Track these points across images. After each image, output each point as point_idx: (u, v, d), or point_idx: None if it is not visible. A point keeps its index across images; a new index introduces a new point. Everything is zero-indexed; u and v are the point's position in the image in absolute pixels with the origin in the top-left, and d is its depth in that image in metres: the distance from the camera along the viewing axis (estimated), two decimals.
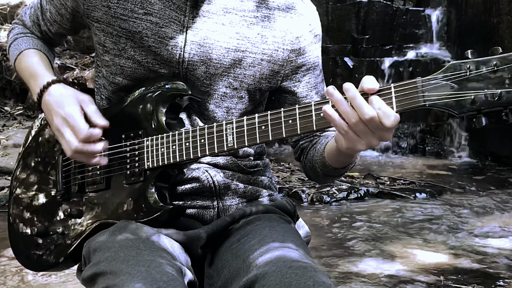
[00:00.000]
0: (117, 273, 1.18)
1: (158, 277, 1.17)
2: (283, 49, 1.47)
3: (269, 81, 1.49)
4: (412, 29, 7.21)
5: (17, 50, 1.59)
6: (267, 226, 1.39)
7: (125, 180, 1.41)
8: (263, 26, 1.45)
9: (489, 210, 4.59)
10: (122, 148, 1.43)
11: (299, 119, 1.23)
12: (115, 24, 1.43)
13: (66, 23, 1.57)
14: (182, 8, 1.41)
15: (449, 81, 1.10)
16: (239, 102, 1.46)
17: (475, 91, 1.08)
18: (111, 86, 1.50)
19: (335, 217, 4.39)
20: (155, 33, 1.41)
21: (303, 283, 1.15)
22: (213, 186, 1.45)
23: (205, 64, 1.43)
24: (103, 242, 1.30)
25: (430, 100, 1.11)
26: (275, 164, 5.80)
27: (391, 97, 1.14)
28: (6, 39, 1.73)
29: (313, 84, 1.53)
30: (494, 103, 1.07)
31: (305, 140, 1.56)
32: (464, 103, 1.09)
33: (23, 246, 1.59)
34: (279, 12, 1.47)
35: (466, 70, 1.09)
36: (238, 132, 1.30)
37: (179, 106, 1.43)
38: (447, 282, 3.08)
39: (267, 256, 1.25)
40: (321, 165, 1.45)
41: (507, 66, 1.06)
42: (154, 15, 1.41)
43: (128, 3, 1.41)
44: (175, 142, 1.36)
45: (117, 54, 1.45)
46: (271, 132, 1.26)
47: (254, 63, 1.45)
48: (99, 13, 1.44)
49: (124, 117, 1.46)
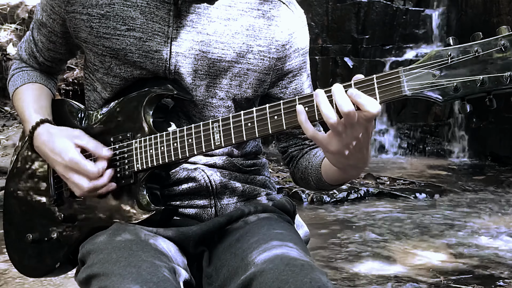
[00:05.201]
0: (109, 275, 1.19)
1: (149, 278, 1.17)
2: (269, 58, 1.46)
3: (255, 90, 1.48)
4: (412, 29, 7.22)
5: (13, 87, 1.59)
6: (266, 225, 1.39)
7: (116, 183, 1.41)
8: (248, 35, 1.44)
9: (489, 210, 4.59)
10: (112, 151, 1.42)
11: (284, 114, 1.22)
12: (99, 44, 1.42)
13: (60, 48, 1.56)
14: (166, 19, 1.40)
15: (431, 69, 1.10)
16: (225, 111, 1.46)
17: (458, 78, 1.08)
18: (102, 101, 1.50)
19: (335, 217, 4.39)
20: (139, 48, 1.40)
21: (300, 280, 1.16)
22: (210, 185, 1.46)
23: (190, 75, 1.42)
24: (98, 245, 1.31)
25: (413, 90, 1.11)
26: (275, 164, 5.81)
27: (374, 88, 1.13)
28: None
29: (299, 90, 1.53)
30: (477, 89, 1.07)
31: (295, 148, 1.56)
32: (447, 90, 1.09)
33: (19, 253, 1.59)
34: (264, 20, 1.46)
35: (447, 57, 1.08)
36: (225, 130, 1.29)
37: (166, 107, 1.43)
38: (447, 282, 3.08)
39: (265, 255, 1.25)
40: (316, 180, 1.45)
41: (488, 51, 1.06)
42: (137, 30, 1.40)
43: (110, 21, 1.40)
44: (163, 143, 1.36)
45: (105, 72, 1.45)
46: (257, 129, 1.26)
47: (240, 73, 1.45)
48: (84, 34, 1.43)
49: (112, 120, 1.45)
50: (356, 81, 1.15)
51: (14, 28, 6.54)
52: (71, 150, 1.40)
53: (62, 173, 1.42)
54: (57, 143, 1.42)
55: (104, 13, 1.41)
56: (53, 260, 1.52)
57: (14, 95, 1.59)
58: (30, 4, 6.75)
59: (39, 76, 1.61)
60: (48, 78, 1.64)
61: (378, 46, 7.18)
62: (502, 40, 1.05)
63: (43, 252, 1.53)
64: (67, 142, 1.41)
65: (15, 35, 6.57)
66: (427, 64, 1.10)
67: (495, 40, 1.06)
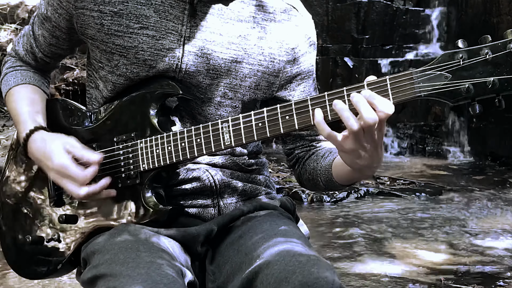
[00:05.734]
0: (117, 276, 1.19)
1: (158, 279, 1.17)
2: (279, 60, 1.47)
3: (264, 92, 1.49)
4: (412, 29, 7.21)
5: (6, 87, 1.58)
6: (268, 221, 1.40)
7: (121, 183, 1.41)
8: (260, 37, 1.45)
9: (489, 210, 4.59)
10: (115, 151, 1.42)
11: (295, 114, 1.24)
12: (108, 41, 1.42)
13: (63, 43, 1.55)
14: (180, 18, 1.41)
15: (443, 71, 1.13)
16: (232, 111, 1.47)
17: (469, 80, 1.11)
18: (102, 99, 1.50)
19: (335, 217, 4.39)
20: (151, 46, 1.40)
21: (307, 270, 1.17)
22: (214, 185, 1.46)
23: (201, 74, 1.43)
24: (103, 244, 1.31)
25: (425, 91, 1.14)
26: (275, 164, 5.80)
27: (387, 89, 1.16)
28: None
29: (307, 93, 1.54)
30: (488, 90, 1.11)
31: (301, 149, 1.57)
32: (459, 92, 1.12)
33: (18, 255, 1.58)
34: (276, 23, 1.47)
35: (459, 60, 1.12)
36: (235, 130, 1.30)
37: (170, 107, 1.43)
38: (447, 282, 3.08)
39: (271, 250, 1.26)
40: (325, 180, 1.46)
41: (498, 54, 1.10)
42: (150, 29, 1.40)
43: (123, 19, 1.40)
44: (170, 143, 1.36)
45: (110, 71, 1.44)
46: (269, 129, 1.27)
47: (250, 74, 1.45)
48: (92, 31, 1.43)
49: (115, 120, 1.45)
50: (369, 82, 1.18)
51: (14, 28, 6.54)
52: (60, 155, 1.39)
53: (55, 178, 1.42)
54: (49, 149, 1.41)
55: (117, 10, 1.40)
56: (55, 261, 1.51)
57: (7, 95, 1.58)
58: (30, 4, 6.75)
59: (32, 76, 1.60)
60: (41, 78, 1.62)
61: (378, 46, 7.18)
62: (510, 43, 1.10)
63: (43, 254, 1.52)
64: (58, 148, 1.41)
65: (15, 35, 6.56)
66: (439, 66, 1.13)
67: (503, 43, 1.11)
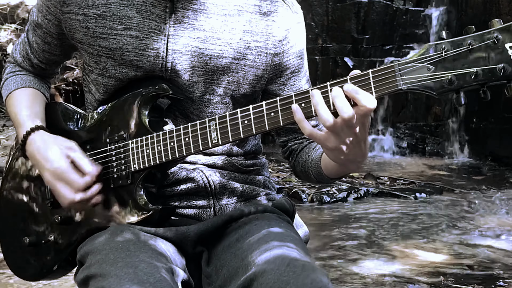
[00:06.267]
0: (105, 276, 1.19)
1: (145, 278, 1.18)
2: (266, 54, 1.46)
3: (253, 86, 1.48)
4: (412, 29, 7.21)
5: (7, 91, 1.58)
6: (266, 225, 1.39)
7: (113, 183, 1.41)
8: (245, 30, 1.44)
9: (489, 210, 4.59)
10: (108, 152, 1.42)
11: (280, 111, 1.23)
12: (95, 44, 1.42)
13: (55, 49, 1.55)
14: (162, 16, 1.40)
15: (425, 63, 1.12)
16: (224, 108, 1.46)
17: (452, 71, 1.10)
18: (96, 102, 1.50)
19: (335, 217, 4.39)
20: (136, 46, 1.40)
21: (301, 281, 1.16)
22: (209, 186, 1.46)
23: (187, 72, 1.42)
24: (96, 245, 1.31)
25: (408, 83, 1.12)
26: (275, 164, 5.80)
27: (370, 83, 1.15)
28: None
29: (298, 87, 1.53)
30: (471, 81, 1.09)
31: (294, 142, 1.57)
32: (442, 83, 1.11)
33: (16, 257, 1.59)
34: (261, 16, 1.46)
35: (441, 51, 1.10)
36: (222, 128, 1.30)
37: (162, 106, 1.43)
38: (447, 282, 3.08)
39: (266, 255, 1.25)
40: (316, 173, 1.46)
41: (482, 44, 1.07)
42: (134, 29, 1.40)
43: (107, 21, 1.40)
44: (160, 143, 1.36)
45: (100, 73, 1.45)
46: (254, 126, 1.26)
47: (237, 69, 1.44)
48: (79, 34, 1.44)
49: (107, 121, 1.45)
50: (352, 76, 1.17)
51: (14, 28, 6.53)
52: (61, 159, 1.40)
53: (49, 180, 1.41)
54: (49, 151, 1.41)
55: (100, 13, 1.41)
56: (52, 263, 1.51)
57: (7, 100, 1.59)
58: (30, 4, 6.74)
59: (32, 80, 1.60)
60: (41, 82, 1.63)
61: (378, 46, 7.18)
62: (494, 33, 1.07)
63: (40, 255, 1.53)
64: (59, 151, 1.41)
65: (15, 35, 6.56)
66: (421, 58, 1.12)
67: (487, 33, 1.08)
